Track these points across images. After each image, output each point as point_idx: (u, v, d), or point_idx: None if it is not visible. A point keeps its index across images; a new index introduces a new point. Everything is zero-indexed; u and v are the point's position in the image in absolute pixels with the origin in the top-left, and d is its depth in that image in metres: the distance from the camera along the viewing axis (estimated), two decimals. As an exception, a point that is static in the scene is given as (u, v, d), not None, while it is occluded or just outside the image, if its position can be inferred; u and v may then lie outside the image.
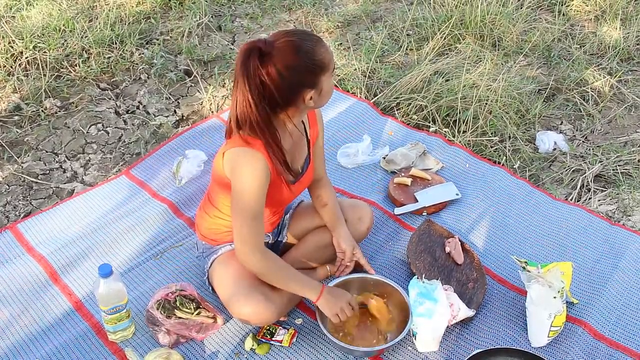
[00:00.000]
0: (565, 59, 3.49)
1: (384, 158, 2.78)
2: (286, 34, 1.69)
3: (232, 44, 3.59)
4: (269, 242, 2.14)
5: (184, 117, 3.11)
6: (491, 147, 2.91)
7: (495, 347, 1.93)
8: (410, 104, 3.10)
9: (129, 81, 3.28)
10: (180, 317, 1.97)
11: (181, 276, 2.22)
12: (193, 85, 3.29)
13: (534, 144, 2.98)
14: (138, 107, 3.15)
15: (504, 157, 2.85)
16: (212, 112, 3.12)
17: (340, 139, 2.94)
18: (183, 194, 2.60)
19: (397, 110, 3.12)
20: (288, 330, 2.01)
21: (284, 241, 2.20)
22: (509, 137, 2.96)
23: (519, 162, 2.84)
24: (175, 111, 3.14)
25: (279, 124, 1.79)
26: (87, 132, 2.96)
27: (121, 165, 2.81)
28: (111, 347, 1.98)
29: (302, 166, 1.97)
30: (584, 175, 2.74)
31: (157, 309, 1.97)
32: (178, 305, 1.99)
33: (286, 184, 1.89)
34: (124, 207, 2.55)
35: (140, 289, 2.18)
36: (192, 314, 1.98)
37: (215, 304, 2.09)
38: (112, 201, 2.58)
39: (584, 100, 3.20)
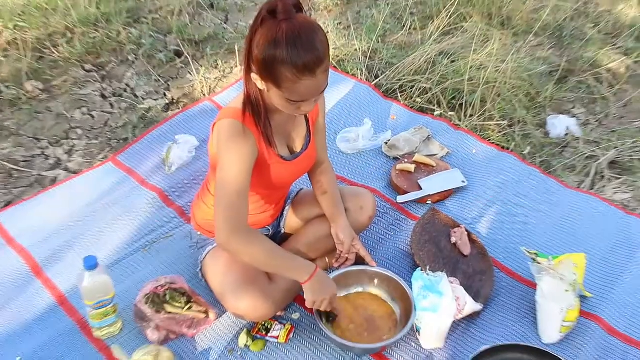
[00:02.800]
0: (578, 39, 3.46)
1: (386, 143, 2.76)
2: (305, 26, 1.57)
3: (225, 23, 3.56)
4: (269, 235, 2.14)
5: (174, 100, 3.08)
6: (499, 131, 2.89)
7: (504, 343, 1.92)
8: (414, 86, 3.07)
9: (115, 62, 3.25)
10: (170, 312, 1.96)
11: (171, 268, 2.21)
12: (184, 66, 3.26)
13: (545, 129, 2.96)
14: (125, 90, 3.12)
15: (513, 143, 2.83)
16: (204, 94, 3.10)
17: (339, 123, 2.92)
18: (173, 181, 2.58)
19: (400, 92, 3.09)
20: (284, 325, 2.00)
21: (282, 232, 2.19)
22: (519, 121, 2.95)
23: (529, 147, 2.82)
24: (164, 94, 3.11)
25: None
26: (71, 117, 2.94)
27: (107, 151, 2.79)
28: (97, 344, 1.97)
29: (302, 145, 1.95)
30: (597, 162, 2.73)
31: (146, 303, 1.96)
32: (168, 299, 1.98)
33: (282, 160, 1.87)
34: (111, 196, 2.53)
35: (127, 283, 2.16)
36: (183, 308, 1.97)
37: (208, 297, 2.07)
38: (98, 189, 2.56)
39: (597, 82, 3.17)
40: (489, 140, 2.84)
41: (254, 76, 1.67)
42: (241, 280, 1.89)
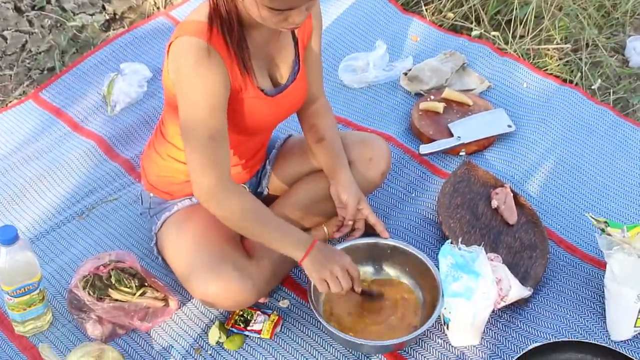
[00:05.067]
0: None
1: (406, 74, 2.78)
2: None
3: None
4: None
5: (117, 16, 3.08)
6: (560, 58, 2.91)
7: (560, 339, 1.97)
8: (445, -5, 3.08)
9: (34, -38, 3.24)
10: (116, 300, 1.99)
11: (117, 242, 2.25)
12: (129, -33, 3.25)
13: (623, 55, 2.98)
14: (49, 1, 3.11)
15: (579, 74, 2.85)
16: (158, 7, 3.09)
17: (342, 46, 2.93)
18: (118, 126, 2.61)
19: (424, 5, 3.09)
20: (269, 316, 2.05)
21: (264, 194, 2.22)
22: (587, 44, 2.95)
23: (600, 80, 2.83)
24: (103, 7, 3.11)
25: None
26: (-25, 38, 2.95)
27: (27, 85, 2.80)
28: (19, 344, 2.01)
29: (289, 75, 1.97)
30: (693, 100, 2.76)
31: (84, 288, 1.99)
32: (113, 282, 2.01)
33: (262, 95, 1.89)
34: (32, 146, 2.56)
35: (59, 261, 2.21)
36: (134, 294, 2.01)
37: (166, 280, 2.12)
38: (15, 137, 2.59)
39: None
40: (546, 70, 2.86)
41: None
42: (212, 256, 1.92)
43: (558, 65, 2.88)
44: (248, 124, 1.92)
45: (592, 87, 2.81)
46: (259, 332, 2.02)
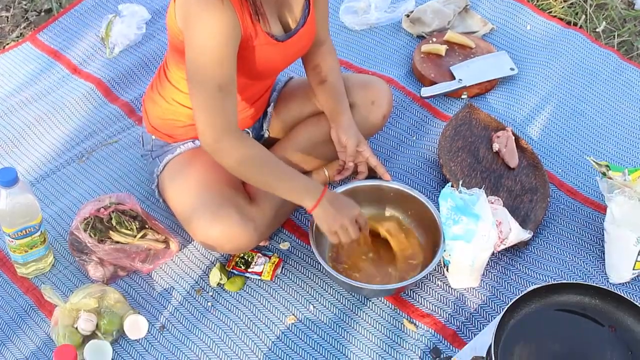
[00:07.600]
0: None
1: (408, 16, 2.77)
2: None
3: None
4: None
5: (114, -44, 3.06)
6: (564, 0, 2.89)
7: (559, 281, 2.00)
8: None
9: None
10: (117, 242, 2.01)
11: (118, 184, 2.27)
12: None
13: (628, -4, 2.97)
14: (45, -60, 3.09)
15: (583, 16, 2.83)
16: (156, -52, 3.07)
17: (343, -12, 2.91)
18: (117, 68, 2.61)
19: (427, -55, 3.07)
20: (270, 258, 2.07)
21: (264, 136, 2.23)
22: (592, -15, 2.94)
23: (604, 23, 2.82)
24: (100, -53, 3.09)
25: None
26: (-30, -21, 2.93)
27: (24, 27, 2.80)
28: (22, 285, 2.04)
29: (298, 19, 1.96)
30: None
31: (85, 230, 2.01)
32: (114, 224, 2.03)
33: (272, 41, 1.88)
34: (31, 88, 2.56)
35: (59, 204, 2.23)
36: (135, 237, 2.03)
37: (167, 222, 2.14)
38: (13, 80, 2.59)
39: None
40: (550, 12, 2.84)
41: None
42: (213, 199, 1.94)
43: (562, 7, 2.86)
44: (258, 69, 1.92)
45: (597, 30, 2.80)
46: (259, 274, 2.04)
